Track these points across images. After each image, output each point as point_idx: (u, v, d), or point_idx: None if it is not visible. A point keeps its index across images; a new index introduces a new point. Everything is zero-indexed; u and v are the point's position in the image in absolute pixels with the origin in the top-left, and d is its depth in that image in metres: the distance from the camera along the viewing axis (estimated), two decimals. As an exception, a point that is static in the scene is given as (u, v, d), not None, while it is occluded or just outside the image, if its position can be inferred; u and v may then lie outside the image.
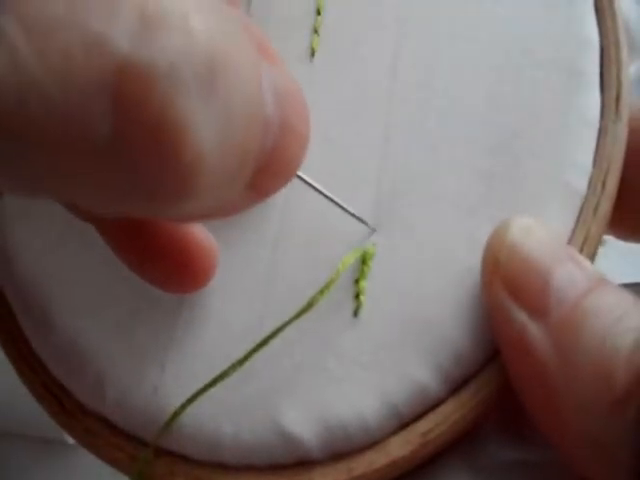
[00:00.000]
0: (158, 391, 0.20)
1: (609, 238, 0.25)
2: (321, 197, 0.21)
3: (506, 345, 0.19)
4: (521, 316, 0.18)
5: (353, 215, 0.21)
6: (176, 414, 0.20)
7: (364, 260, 0.21)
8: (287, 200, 0.22)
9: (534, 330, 0.18)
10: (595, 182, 0.21)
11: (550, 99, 0.22)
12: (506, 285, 0.19)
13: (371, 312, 0.20)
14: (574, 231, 0.21)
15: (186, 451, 0.20)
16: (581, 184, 0.21)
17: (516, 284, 0.19)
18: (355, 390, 0.20)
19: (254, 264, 0.21)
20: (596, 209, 0.21)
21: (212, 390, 0.20)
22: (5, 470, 0.36)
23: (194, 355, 0.20)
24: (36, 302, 0.21)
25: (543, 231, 0.20)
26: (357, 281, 0.21)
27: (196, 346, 0.21)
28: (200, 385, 0.20)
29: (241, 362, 0.20)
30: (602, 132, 0.22)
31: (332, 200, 0.21)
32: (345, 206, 0.21)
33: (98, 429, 0.21)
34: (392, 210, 0.21)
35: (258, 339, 0.20)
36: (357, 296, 0.21)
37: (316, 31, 0.23)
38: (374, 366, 0.20)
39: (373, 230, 0.21)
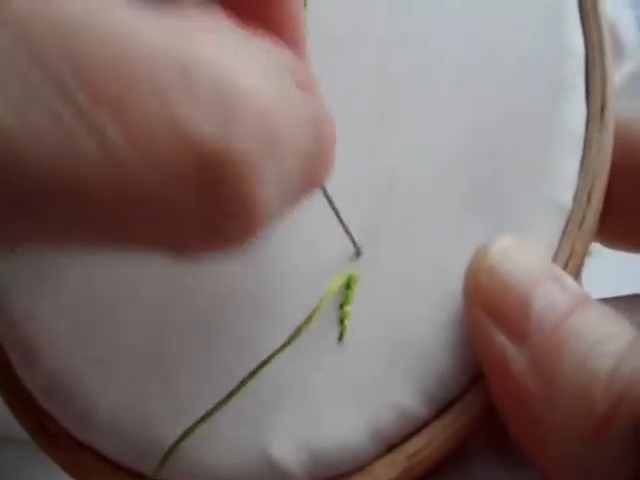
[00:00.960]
0: (150, 423, 0.20)
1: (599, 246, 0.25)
2: (302, 222, 0.21)
3: (487, 367, 0.19)
4: (501, 339, 0.18)
5: (347, 232, 0.21)
6: (171, 449, 0.20)
7: (348, 285, 0.21)
8: None
9: (514, 353, 0.18)
10: (580, 195, 0.21)
11: (534, 112, 0.22)
12: (486, 308, 0.19)
13: (355, 337, 0.21)
14: (560, 245, 0.21)
15: (174, 479, 0.20)
16: (566, 197, 0.21)
17: (495, 306, 0.19)
18: (339, 416, 0.20)
19: (240, 289, 0.21)
20: (582, 222, 0.21)
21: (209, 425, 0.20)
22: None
23: (182, 385, 0.21)
24: (21, 336, 0.22)
25: (523, 252, 0.20)
26: (341, 306, 0.21)
27: (183, 377, 0.21)
28: (190, 414, 0.20)
29: (232, 393, 0.20)
30: (587, 143, 0.22)
31: (337, 215, 0.21)
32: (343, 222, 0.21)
33: (91, 463, 0.21)
34: (375, 235, 0.21)
35: (244, 367, 0.20)
36: (342, 321, 0.21)
37: None
38: (358, 391, 0.20)
39: (360, 252, 0.21)
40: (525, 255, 0.20)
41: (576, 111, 0.22)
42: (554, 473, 0.18)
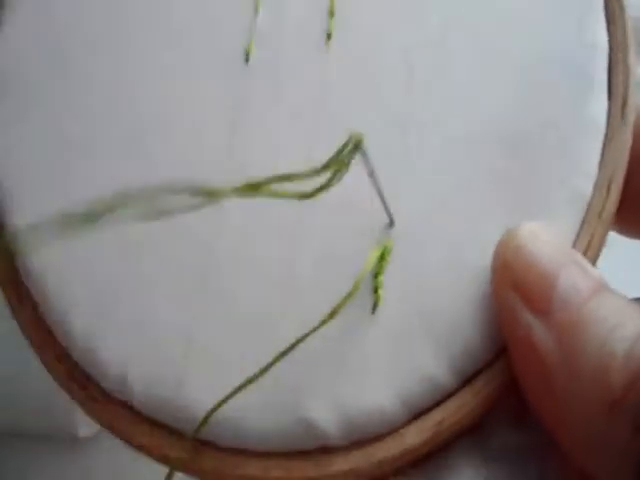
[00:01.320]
0: (184, 384, 0.21)
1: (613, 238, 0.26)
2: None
3: (512, 342, 0.20)
4: (527, 316, 0.19)
5: (383, 201, 0.21)
6: (211, 412, 0.20)
7: (383, 255, 0.22)
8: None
9: (539, 330, 0.19)
10: (600, 186, 0.22)
11: (560, 103, 0.23)
12: (513, 285, 0.20)
13: (387, 306, 0.21)
14: (579, 234, 0.22)
15: (210, 437, 0.21)
16: (587, 187, 0.22)
17: (522, 285, 0.20)
18: (372, 383, 0.21)
19: (273, 262, 0.22)
20: (600, 213, 0.22)
21: (237, 382, 0.20)
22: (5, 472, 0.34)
23: (217, 345, 0.21)
24: (51, 294, 0.22)
25: (548, 236, 0.21)
26: (376, 275, 0.22)
27: (217, 336, 0.21)
28: (225, 375, 0.21)
29: (275, 361, 0.20)
30: (607, 137, 0.23)
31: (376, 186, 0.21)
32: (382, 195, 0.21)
33: (127, 416, 0.21)
34: (406, 207, 0.22)
35: (276, 338, 0.21)
36: (376, 290, 0.21)
37: (329, 36, 0.24)
38: (389, 359, 0.21)
39: (393, 223, 0.22)
40: (550, 239, 0.21)
41: (599, 105, 0.23)
42: (572, 447, 0.19)
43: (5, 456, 0.34)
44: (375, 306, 0.21)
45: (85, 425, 0.33)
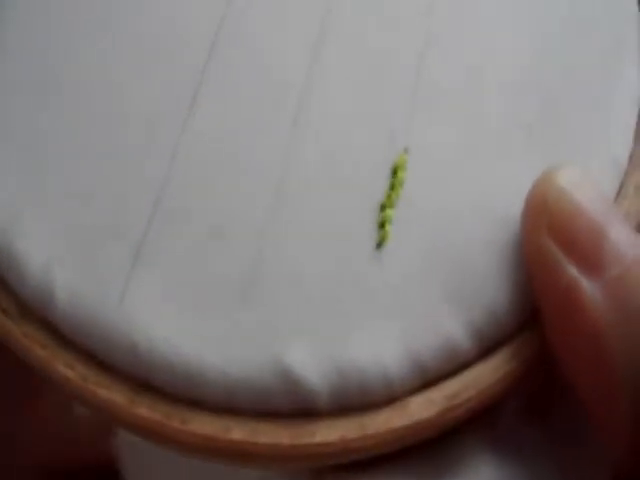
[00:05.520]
0: (127, 298, 0.15)
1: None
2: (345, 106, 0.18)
3: (551, 301, 0.17)
4: (571, 269, 0.16)
5: None
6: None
7: (393, 185, 0.17)
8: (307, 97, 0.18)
9: (586, 286, 0.16)
10: (636, 159, 0.19)
11: (597, 63, 0.20)
12: (554, 233, 0.16)
13: (397, 246, 0.17)
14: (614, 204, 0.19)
15: (155, 382, 0.16)
16: (623, 156, 0.19)
17: (566, 233, 0.16)
18: (376, 332, 0.16)
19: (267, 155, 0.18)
20: (638, 187, 0.19)
21: (200, 313, 0.16)
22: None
23: (173, 251, 0.16)
24: None
25: (594, 185, 0.17)
26: (383, 207, 0.17)
27: (177, 240, 0.16)
28: (184, 290, 0.15)
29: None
30: None
31: None
32: None
33: (42, 338, 0.16)
34: (421, 145, 0.18)
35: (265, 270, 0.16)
36: (382, 225, 0.17)
37: None
38: (399, 309, 0.16)
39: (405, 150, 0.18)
40: (597, 188, 0.17)
41: (633, 74, 0.20)
42: (619, 430, 0.16)
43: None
44: (381, 243, 0.17)
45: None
